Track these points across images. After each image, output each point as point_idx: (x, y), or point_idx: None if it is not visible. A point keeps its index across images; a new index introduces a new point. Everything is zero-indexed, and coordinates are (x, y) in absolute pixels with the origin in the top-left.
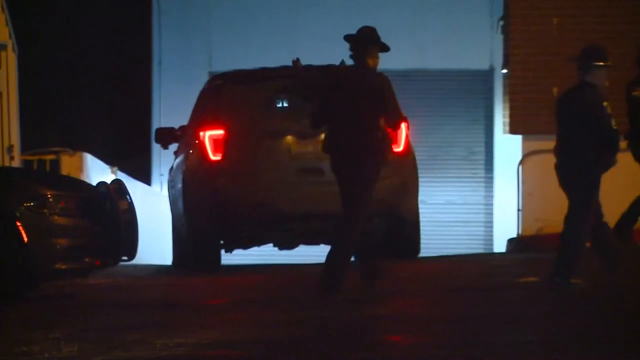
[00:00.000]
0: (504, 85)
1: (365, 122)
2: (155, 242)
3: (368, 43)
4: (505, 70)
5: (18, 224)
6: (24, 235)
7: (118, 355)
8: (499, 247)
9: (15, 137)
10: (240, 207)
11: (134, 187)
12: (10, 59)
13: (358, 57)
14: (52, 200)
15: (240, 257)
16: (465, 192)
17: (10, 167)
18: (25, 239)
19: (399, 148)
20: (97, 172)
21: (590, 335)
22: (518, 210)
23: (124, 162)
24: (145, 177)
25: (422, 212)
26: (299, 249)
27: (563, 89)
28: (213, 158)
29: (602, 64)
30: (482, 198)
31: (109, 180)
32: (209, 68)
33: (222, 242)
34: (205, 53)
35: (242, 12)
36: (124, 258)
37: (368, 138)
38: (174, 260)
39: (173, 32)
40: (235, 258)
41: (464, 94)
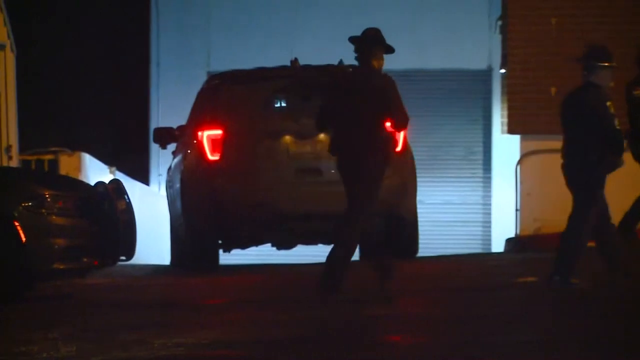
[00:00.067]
0: (502, 85)
1: (370, 123)
2: (154, 242)
3: (373, 44)
4: (504, 70)
5: (16, 224)
6: (22, 235)
7: (116, 355)
8: (497, 247)
9: (14, 137)
10: (239, 207)
11: (132, 187)
12: (9, 59)
13: (363, 58)
14: (50, 200)
15: (239, 257)
16: (464, 192)
17: (9, 167)
18: (23, 239)
19: (398, 148)
20: (95, 172)
21: (590, 335)
22: (516, 210)
23: (123, 162)
24: (144, 177)
25: (420, 212)
26: (297, 249)
27: (561, 89)
28: (211, 158)
29: (606, 65)
30: (480, 198)
31: (107, 180)
32: (208, 68)
33: (220, 242)
34: (204, 53)
35: (240, 12)
36: (122, 258)
37: (372, 139)
38: (172, 260)
39: (171, 32)
40: (234, 258)
41: (463, 94)
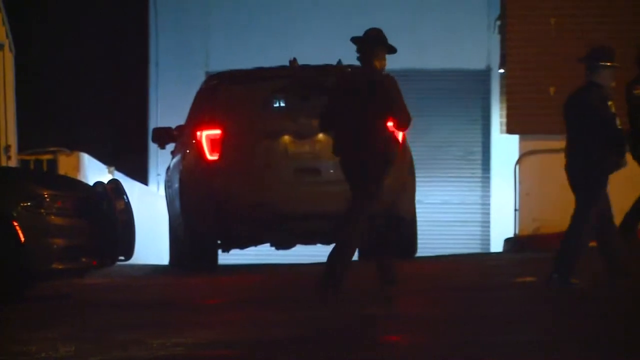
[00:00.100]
0: (501, 85)
1: (372, 123)
2: (152, 242)
3: (375, 45)
4: (502, 70)
5: (15, 224)
6: (21, 235)
7: (115, 355)
8: (496, 246)
9: (12, 137)
10: (238, 206)
11: (131, 187)
12: (7, 59)
13: (365, 59)
14: (49, 200)
15: (237, 257)
16: (463, 191)
17: (7, 167)
18: (22, 239)
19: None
20: (94, 172)
21: (590, 335)
22: (515, 210)
23: (121, 161)
24: (143, 177)
25: (419, 211)
26: (296, 249)
27: (560, 89)
28: (210, 158)
29: (608, 65)
30: (479, 198)
31: (106, 180)
32: (206, 68)
33: (219, 241)
34: (203, 53)
35: (239, 12)
36: (121, 258)
37: (374, 139)
38: (171, 260)
39: (170, 32)
40: (232, 258)
41: (461, 94)
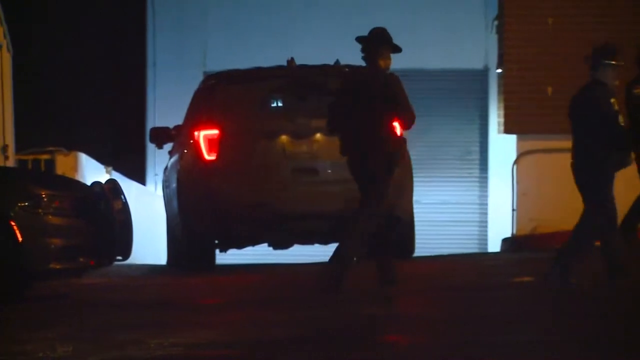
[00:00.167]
0: (499, 85)
1: (377, 122)
2: (150, 241)
3: (379, 44)
4: (500, 70)
5: (12, 224)
6: (19, 235)
7: (113, 355)
8: (494, 246)
9: (10, 136)
10: (235, 206)
11: (129, 186)
12: (5, 59)
13: (369, 58)
14: (46, 200)
15: (235, 256)
16: (460, 191)
17: (5, 166)
18: (20, 239)
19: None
20: (91, 171)
21: (590, 335)
22: (512, 210)
23: (119, 161)
24: (140, 176)
25: (416, 211)
26: (293, 249)
27: (558, 89)
28: (208, 158)
29: (612, 63)
30: (476, 198)
31: (104, 180)
32: (204, 68)
33: (217, 241)
34: (200, 53)
35: (237, 11)
36: (119, 258)
37: (380, 139)
38: (169, 260)
39: (168, 32)
40: (230, 258)
41: (459, 94)
